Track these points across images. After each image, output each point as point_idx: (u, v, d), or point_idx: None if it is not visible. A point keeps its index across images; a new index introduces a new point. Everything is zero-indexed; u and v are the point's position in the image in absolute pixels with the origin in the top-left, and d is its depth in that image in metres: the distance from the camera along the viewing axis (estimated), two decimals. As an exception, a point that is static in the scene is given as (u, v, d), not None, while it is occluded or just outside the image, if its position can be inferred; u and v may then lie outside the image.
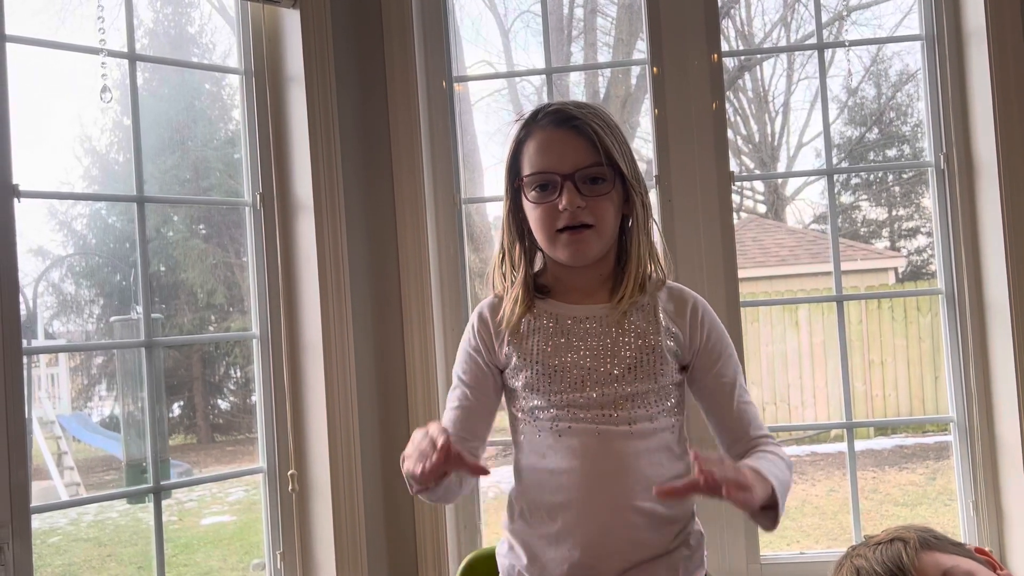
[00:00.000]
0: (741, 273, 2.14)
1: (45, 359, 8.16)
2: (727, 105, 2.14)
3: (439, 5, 2.20)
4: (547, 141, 1.27)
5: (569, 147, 1.26)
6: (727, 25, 9.57)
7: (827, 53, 2.29)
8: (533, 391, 1.30)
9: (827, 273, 2.36)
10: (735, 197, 10.61)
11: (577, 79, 8.68)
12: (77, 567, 5.77)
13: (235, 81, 2.13)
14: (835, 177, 2.31)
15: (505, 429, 1.44)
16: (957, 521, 2.14)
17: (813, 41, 2.25)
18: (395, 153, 2.13)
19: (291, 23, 2.07)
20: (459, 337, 2.20)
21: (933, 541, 1.08)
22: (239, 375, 8.60)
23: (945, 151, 2.10)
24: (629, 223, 1.32)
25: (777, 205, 10.95)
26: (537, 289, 1.34)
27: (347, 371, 2.04)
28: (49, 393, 8.29)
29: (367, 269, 2.13)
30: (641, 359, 1.28)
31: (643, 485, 1.24)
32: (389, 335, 2.14)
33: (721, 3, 2.21)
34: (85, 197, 8.82)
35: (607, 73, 8.88)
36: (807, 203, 11.00)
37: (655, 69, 2.11)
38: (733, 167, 2.11)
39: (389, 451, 2.12)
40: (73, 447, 7.54)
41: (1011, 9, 1.99)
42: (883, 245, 10.23)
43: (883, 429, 7.68)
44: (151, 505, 1.97)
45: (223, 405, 8.79)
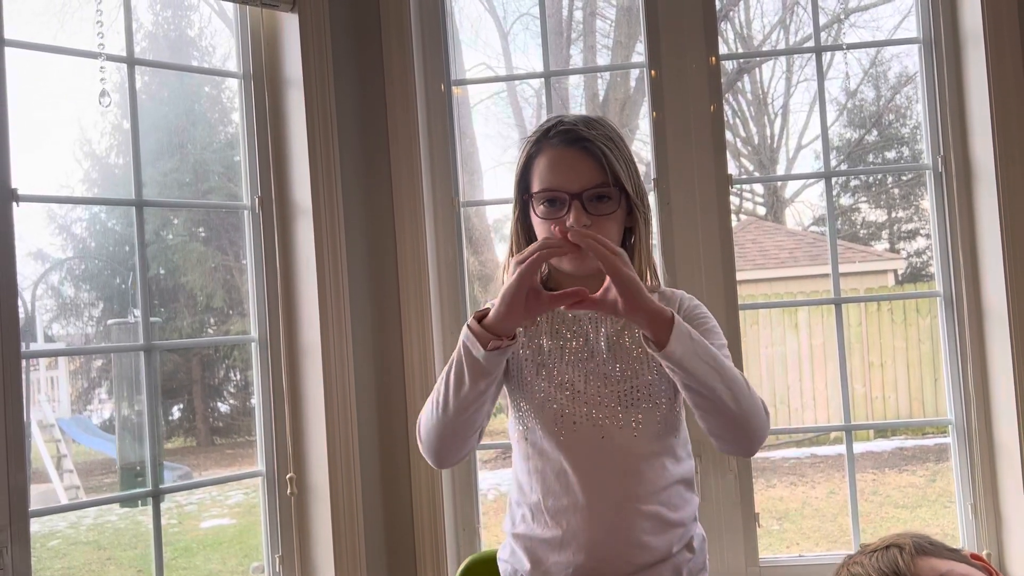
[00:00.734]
0: (740, 275, 2.15)
1: (45, 362, 8.16)
2: (726, 107, 2.14)
3: (437, 8, 2.20)
4: (557, 160, 1.32)
5: (578, 167, 1.30)
6: (726, 27, 9.59)
7: (826, 56, 2.29)
8: (537, 392, 1.32)
9: (826, 275, 2.36)
10: (734, 199, 10.63)
11: (576, 82, 8.70)
12: (76, 570, 5.76)
13: (234, 84, 2.14)
14: (834, 179, 2.32)
15: (504, 432, 1.44)
16: (956, 523, 2.14)
17: (812, 43, 2.25)
18: (394, 156, 2.13)
19: (290, 27, 2.07)
20: (457, 339, 2.19)
21: (928, 547, 1.08)
22: (238, 378, 8.60)
23: (943, 154, 2.10)
24: (631, 237, 1.37)
25: (776, 207, 10.96)
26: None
27: (346, 374, 2.04)
28: (49, 396, 8.28)
29: (366, 272, 2.14)
30: (640, 362, 1.31)
31: (646, 488, 1.27)
32: (388, 338, 2.14)
33: (719, 6, 2.21)
34: (83, 201, 8.82)
35: (606, 76, 8.89)
36: (806, 205, 11.01)
37: (653, 72, 2.11)
38: (732, 169, 2.11)
39: (388, 454, 2.12)
40: (72, 450, 7.54)
41: (1008, 13, 1.99)
42: (882, 247, 10.24)
43: (883, 431, 7.68)
44: (150, 508, 1.97)
45: (222, 408, 8.79)
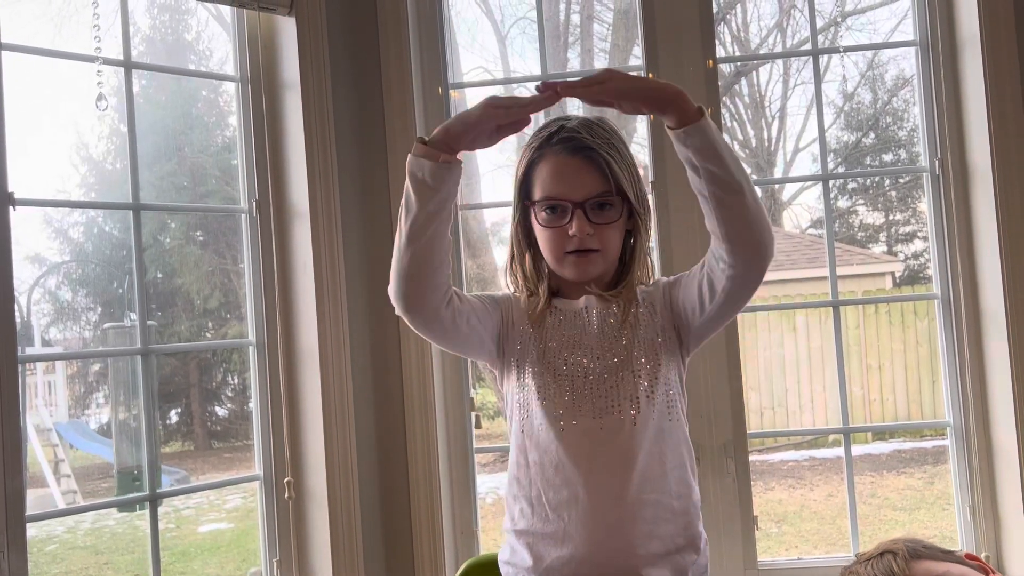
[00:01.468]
0: (738, 278, 2.14)
1: (42, 367, 8.14)
2: (723, 110, 2.14)
3: (435, 12, 2.20)
4: (560, 167, 1.32)
5: (581, 176, 1.30)
6: (723, 30, 9.59)
7: (823, 58, 2.29)
8: (535, 386, 1.32)
9: (824, 278, 2.36)
10: (732, 202, 10.59)
11: (574, 85, 8.68)
12: (74, 575, 5.75)
13: (232, 88, 2.14)
14: (831, 182, 2.31)
15: (502, 436, 1.43)
16: (954, 526, 2.14)
17: (809, 47, 2.26)
18: (391, 160, 2.13)
19: (287, 30, 2.07)
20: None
21: (922, 550, 1.09)
22: (236, 381, 8.59)
23: (940, 157, 2.11)
24: (631, 240, 1.38)
25: (774, 210, 10.96)
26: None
27: (343, 378, 2.04)
28: (46, 400, 8.27)
29: (363, 276, 2.13)
30: (636, 352, 1.31)
31: (647, 477, 1.26)
32: (385, 342, 2.13)
33: (717, 9, 2.21)
34: (80, 205, 8.82)
35: (604, 79, 8.87)
36: (804, 208, 11.02)
37: (651, 75, 2.11)
38: (729, 173, 2.11)
39: (385, 458, 2.12)
40: (70, 455, 7.52)
41: (1005, 16, 2.00)
42: (880, 250, 10.24)
43: (881, 434, 7.68)
44: (147, 513, 1.96)
45: (220, 412, 8.77)
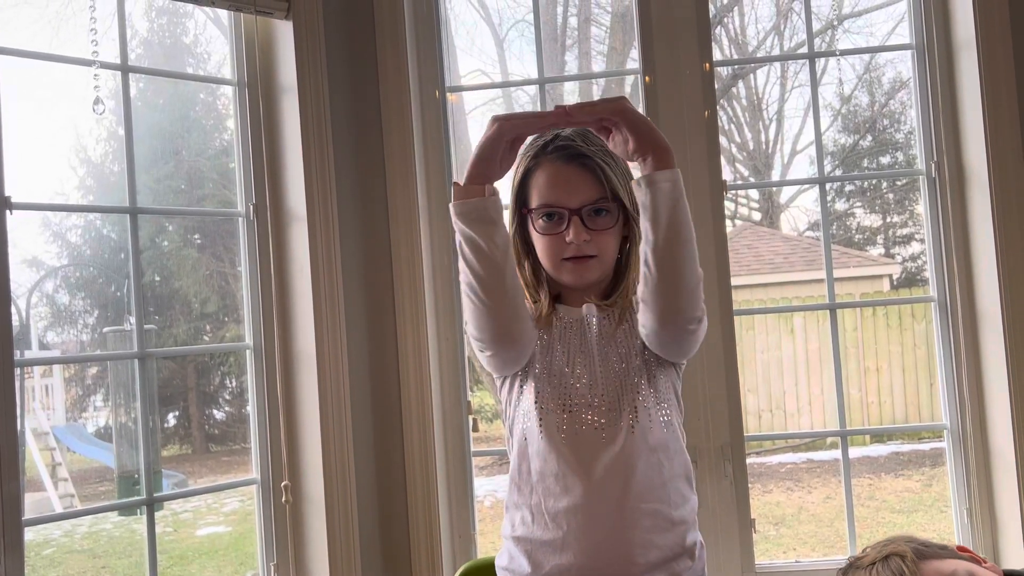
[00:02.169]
0: (736, 280, 2.15)
1: (39, 370, 8.13)
2: (721, 113, 2.15)
3: (432, 15, 2.20)
4: (556, 175, 1.33)
5: (577, 183, 1.32)
6: (720, 33, 9.60)
7: (820, 61, 2.30)
8: (536, 395, 1.33)
9: (821, 280, 2.37)
10: (730, 204, 10.65)
11: (571, 88, 8.70)
12: (71, 579, 5.74)
13: (229, 91, 2.14)
14: (829, 184, 2.32)
15: (500, 438, 1.44)
16: (952, 527, 2.15)
17: (806, 50, 2.26)
18: (388, 163, 2.13)
19: (284, 34, 2.07)
20: (453, 347, 2.20)
21: (925, 550, 1.09)
22: (234, 385, 8.58)
23: (936, 159, 2.11)
24: (628, 246, 1.39)
25: (772, 212, 10.97)
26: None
27: (341, 381, 2.04)
28: (43, 404, 8.25)
29: (361, 279, 2.13)
30: (635, 361, 1.33)
31: (646, 487, 1.27)
32: (383, 345, 2.13)
33: (714, 12, 2.22)
34: (77, 209, 8.81)
35: (601, 82, 8.90)
36: (801, 210, 11.02)
37: (648, 78, 2.12)
38: (727, 175, 2.12)
39: (383, 462, 2.12)
40: (67, 458, 7.51)
41: (1000, 19, 2.00)
42: (877, 252, 10.26)
43: (878, 436, 7.68)
44: (145, 516, 1.96)
45: (218, 415, 8.76)
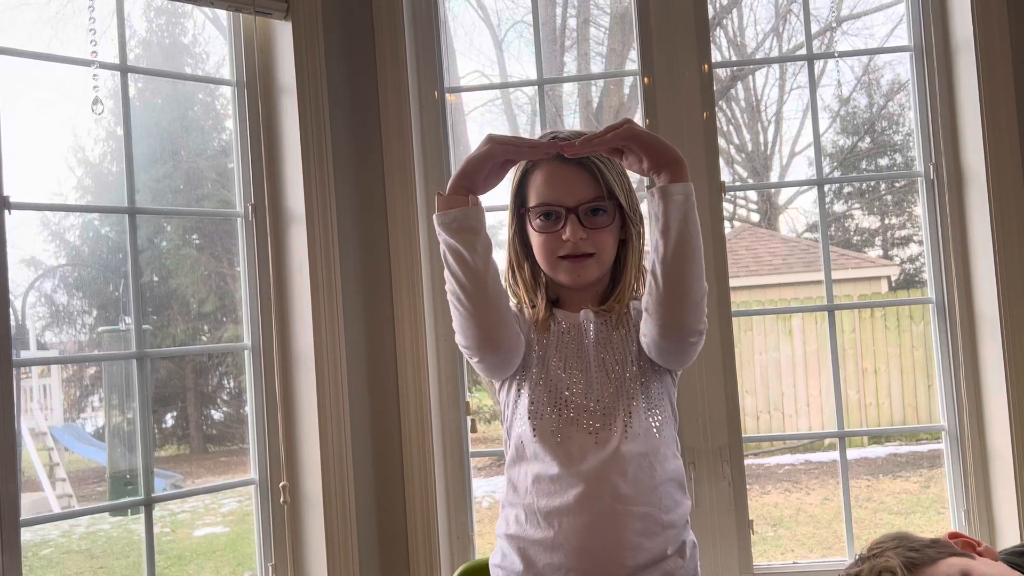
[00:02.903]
0: (734, 282, 2.15)
1: (37, 370, 8.12)
2: (719, 114, 2.16)
3: (431, 15, 2.20)
4: (553, 174, 1.35)
5: (573, 182, 1.33)
6: (719, 35, 9.61)
7: (818, 63, 2.30)
8: (532, 397, 1.34)
9: (820, 282, 2.38)
10: (728, 206, 10.65)
11: (570, 89, 8.71)
12: (68, 580, 5.73)
13: (228, 92, 2.14)
14: (827, 186, 2.32)
15: (498, 439, 1.44)
16: (950, 529, 2.15)
17: (804, 51, 2.27)
18: (387, 163, 2.13)
19: (283, 34, 2.07)
20: (451, 348, 2.19)
21: (916, 557, 1.09)
22: (232, 385, 8.57)
23: (935, 161, 2.11)
24: (625, 248, 1.40)
25: (770, 214, 10.98)
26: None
27: (339, 382, 2.03)
28: (41, 404, 8.24)
29: (359, 279, 2.13)
30: (630, 366, 1.34)
31: (637, 489, 1.28)
32: (381, 346, 2.13)
33: (713, 13, 2.22)
34: (75, 209, 8.81)
35: (600, 83, 8.90)
36: (800, 212, 11.03)
37: (647, 79, 2.12)
38: (726, 176, 2.12)
39: (381, 462, 2.12)
40: (65, 458, 7.50)
41: (999, 21, 2.01)
42: (876, 254, 10.26)
43: (876, 437, 7.69)
44: (142, 517, 1.96)
45: (216, 415, 8.75)
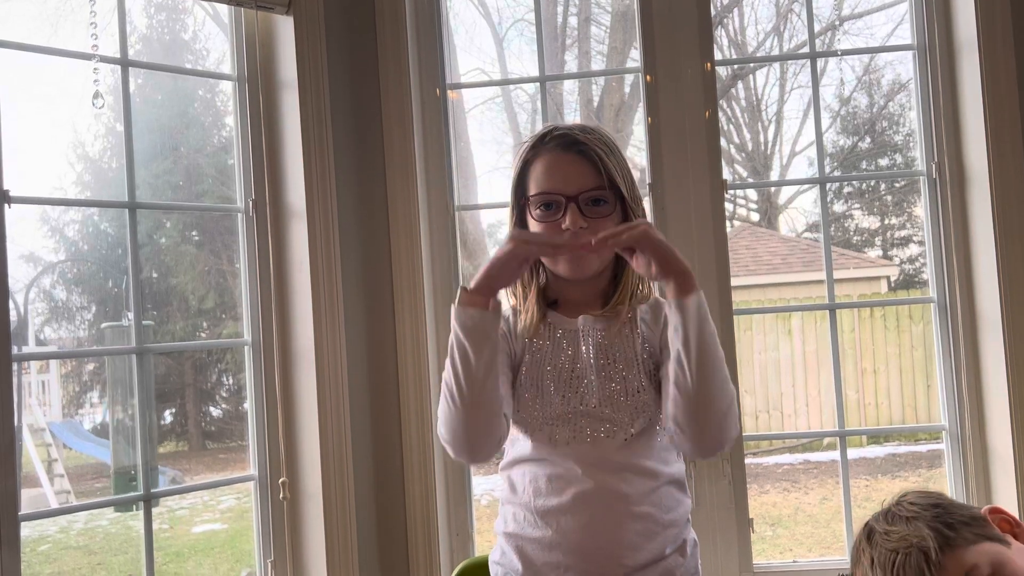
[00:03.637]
0: (734, 281, 2.15)
1: (36, 366, 8.12)
2: (720, 114, 2.15)
3: (433, 12, 2.20)
4: (553, 164, 1.33)
5: (574, 170, 1.32)
6: (720, 34, 9.61)
7: (820, 62, 2.30)
8: (531, 398, 1.34)
9: (820, 281, 2.37)
10: (728, 205, 10.63)
11: (571, 87, 8.70)
12: (66, 575, 5.73)
13: (228, 87, 2.13)
14: (828, 186, 2.32)
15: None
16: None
17: (806, 50, 2.26)
18: (388, 160, 2.13)
19: (284, 29, 2.07)
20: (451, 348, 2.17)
21: (952, 536, 1.06)
22: (231, 382, 8.57)
23: (937, 161, 2.11)
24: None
25: (770, 213, 10.98)
26: (546, 302, 1.40)
27: (339, 378, 2.03)
28: (40, 400, 8.24)
29: (360, 276, 2.13)
30: (629, 368, 1.33)
31: (637, 489, 1.28)
32: (382, 342, 2.13)
33: (714, 12, 2.22)
34: (76, 203, 8.80)
35: (601, 81, 8.90)
36: (800, 211, 11.04)
37: (648, 77, 2.11)
38: (726, 175, 2.11)
39: (381, 459, 2.12)
40: (64, 454, 7.50)
41: (1002, 20, 2.00)
42: (876, 254, 10.26)
43: (876, 437, 7.69)
44: (141, 513, 1.96)
45: (215, 412, 8.75)
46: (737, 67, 10.45)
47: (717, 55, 2.12)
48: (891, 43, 8.91)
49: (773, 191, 11.04)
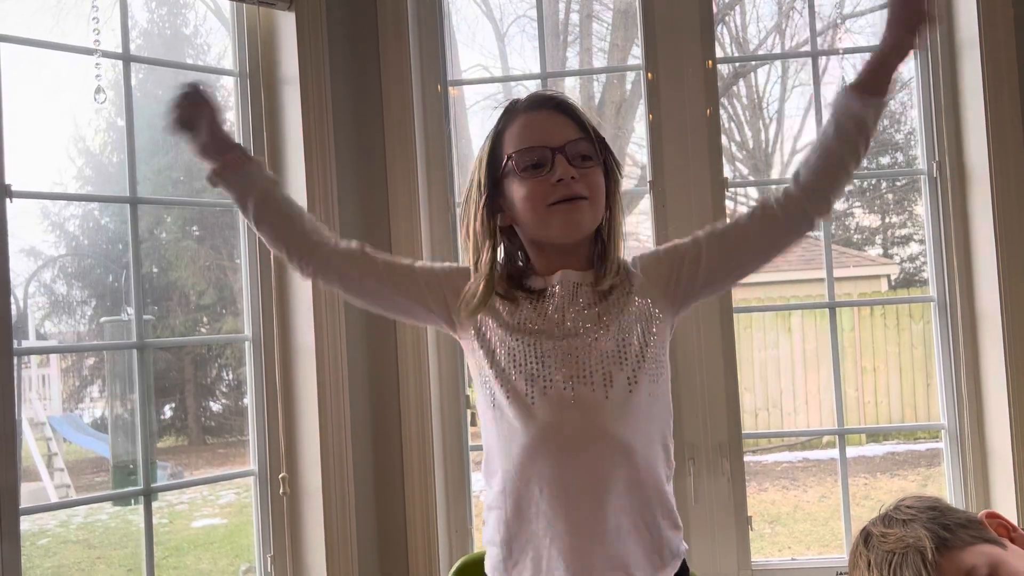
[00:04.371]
0: (734, 279, 2.14)
1: (36, 360, 8.12)
2: (721, 111, 2.15)
3: (434, 9, 2.20)
4: (531, 121, 1.26)
5: (554, 123, 1.25)
6: (722, 32, 9.59)
7: (821, 60, 2.30)
8: (515, 389, 1.22)
9: (820, 280, 2.37)
10: (729, 203, 10.62)
11: (572, 84, 8.69)
12: (66, 569, 5.74)
13: (230, 83, 2.13)
14: (828, 184, 2.32)
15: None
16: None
17: (807, 48, 2.26)
18: (390, 156, 2.13)
19: (286, 25, 2.07)
20: (452, 341, 2.18)
21: (949, 538, 1.06)
22: (231, 377, 8.58)
23: (937, 159, 2.11)
24: (611, 198, 1.29)
25: (771, 212, 10.94)
26: (514, 285, 1.29)
27: (339, 374, 2.03)
28: (40, 394, 8.25)
29: (360, 272, 2.13)
30: (623, 338, 1.23)
31: (631, 487, 1.21)
32: (382, 338, 2.13)
33: (716, 10, 2.21)
34: (76, 198, 8.79)
35: (602, 78, 8.90)
36: (800, 210, 11.00)
37: (650, 74, 2.11)
38: (727, 173, 2.11)
39: (381, 455, 2.12)
40: (64, 448, 7.51)
41: (1004, 19, 2.00)
42: (876, 252, 10.26)
43: (875, 436, 7.69)
44: (141, 507, 1.96)
45: (215, 407, 8.76)
46: (738, 65, 10.44)
47: (718, 53, 2.12)
48: (893, 41, 8.88)
49: (774, 189, 11.03)
